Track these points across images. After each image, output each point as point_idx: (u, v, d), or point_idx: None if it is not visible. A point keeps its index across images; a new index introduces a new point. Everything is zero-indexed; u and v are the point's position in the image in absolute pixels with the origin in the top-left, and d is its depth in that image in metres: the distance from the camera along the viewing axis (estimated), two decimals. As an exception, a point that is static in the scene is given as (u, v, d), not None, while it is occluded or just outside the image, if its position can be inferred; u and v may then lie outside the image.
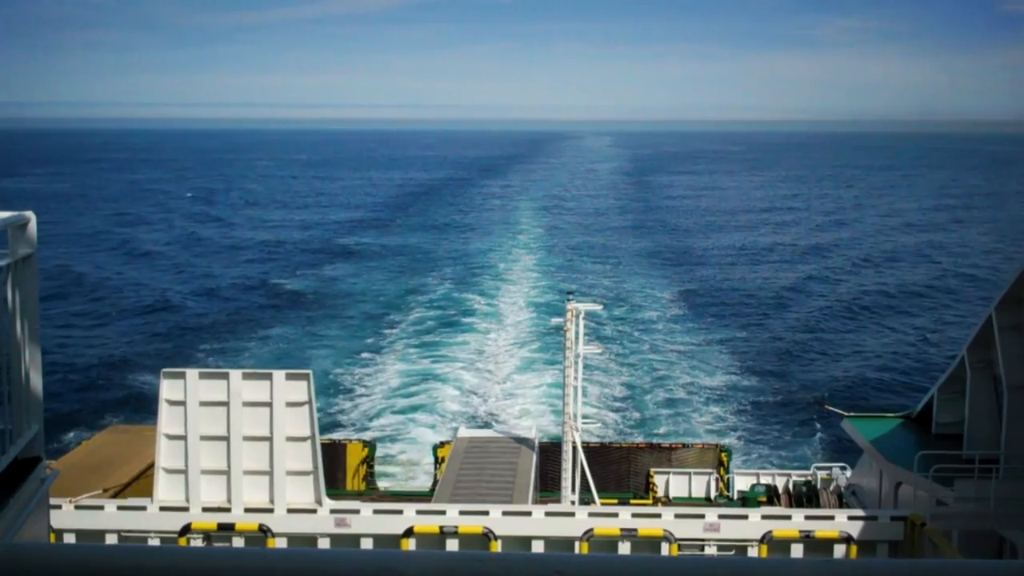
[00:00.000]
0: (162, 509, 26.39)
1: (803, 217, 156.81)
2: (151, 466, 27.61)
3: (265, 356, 64.94)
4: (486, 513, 26.49)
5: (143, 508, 26.53)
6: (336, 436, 43.79)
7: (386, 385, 57.91)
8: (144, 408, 51.99)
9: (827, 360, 66.51)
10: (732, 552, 26.57)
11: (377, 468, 39.39)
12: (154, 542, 26.09)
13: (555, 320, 33.58)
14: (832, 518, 27.00)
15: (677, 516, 26.74)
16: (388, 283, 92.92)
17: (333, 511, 26.57)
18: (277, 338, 71.13)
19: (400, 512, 26.70)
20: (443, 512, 26.64)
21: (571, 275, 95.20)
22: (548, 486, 34.46)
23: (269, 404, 25.78)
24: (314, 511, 26.47)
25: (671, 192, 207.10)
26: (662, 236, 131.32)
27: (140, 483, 29.38)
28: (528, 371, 59.91)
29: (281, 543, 26.25)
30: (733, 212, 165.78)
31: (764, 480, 36.69)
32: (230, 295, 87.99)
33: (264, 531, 26.07)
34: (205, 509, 26.24)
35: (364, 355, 64.85)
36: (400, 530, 26.15)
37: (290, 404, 25.80)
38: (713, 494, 36.61)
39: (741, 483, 36.84)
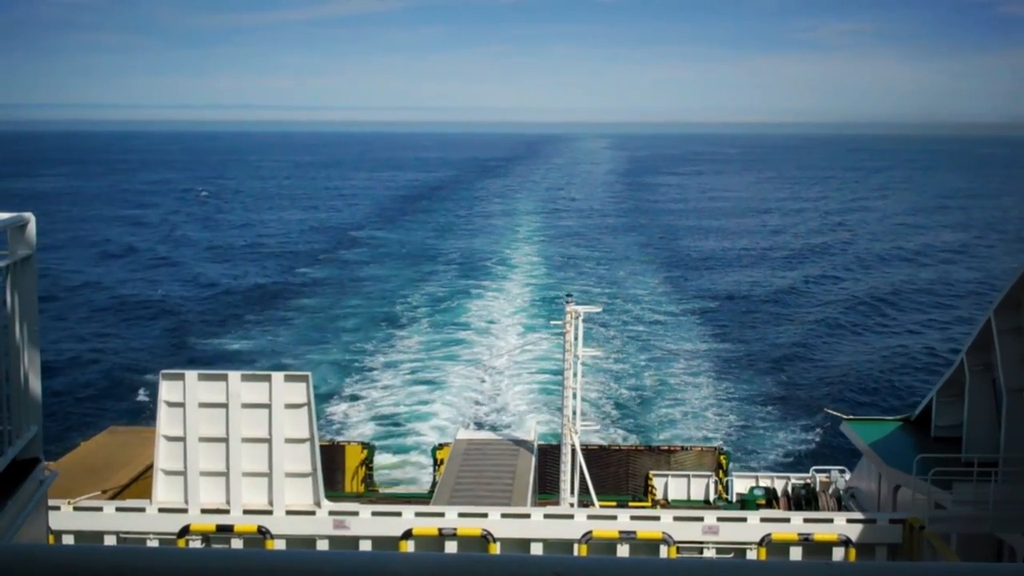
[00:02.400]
0: (161, 511, 26.37)
1: (801, 219, 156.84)
2: (150, 467, 27.60)
3: (264, 358, 64.92)
4: (485, 515, 26.48)
5: (142, 510, 26.51)
6: (335, 438, 43.80)
7: (385, 387, 57.90)
8: (143, 409, 52.02)
9: (826, 363, 66.51)
10: (731, 555, 26.56)
11: (376, 470, 39.38)
12: (153, 544, 26.06)
13: (554, 322, 33.61)
14: (831, 521, 27.00)
15: (676, 519, 26.73)
16: (387, 283, 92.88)
17: (332, 513, 26.55)
18: (276, 340, 71.11)
19: (399, 514, 26.69)
20: (442, 514, 26.64)
21: (569, 275, 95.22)
22: (547, 488, 34.47)
23: (268, 406, 25.77)
24: (313, 513, 26.46)
25: (667, 193, 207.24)
26: (659, 238, 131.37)
27: (139, 484, 29.35)
28: (527, 373, 59.89)
29: (280, 545, 26.23)
30: (731, 214, 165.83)
31: (763, 483, 36.69)
32: (229, 296, 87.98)
33: (263, 533, 26.05)
34: (204, 511, 26.22)
35: (363, 357, 64.84)
36: (399, 532, 26.14)
37: (289, 406, 25.79)
38: (712, 497, 36.63)
39: (740, 486, 36.84)
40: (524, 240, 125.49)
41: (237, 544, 26.39)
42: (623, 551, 26.25)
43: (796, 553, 26.50)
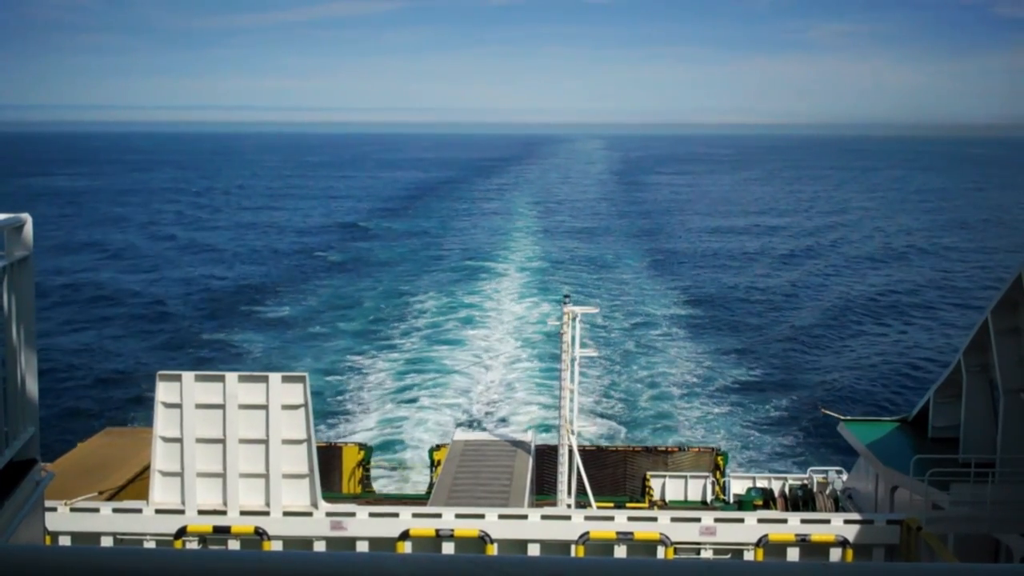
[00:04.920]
0: (158, 512, 26.34)
1: (797, 219, 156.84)
2: (147, 469, 27.57)
3: (261, 358, 64.87)
4: (482, 516, 26.46)
5: (139, 511, 26.47)
6: (332, 439, 43.76)
7: (382, 388, 57.86)
8: (140, 411, 51.96)
9: (823, 364, 66.52)
10: (728, 556, 26.56)
11: (373, 471, 39.34)
12: (149, 545, 26.03)
13: (552, 323, 33.65)
14: (828, 522, 26.99)
15: (673, 520, 26.71)
16: (384, 284, 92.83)
17: (329, 514, 26.53)
18: (274, 341, 71.05)
19: (396, 515, 26.67)
20: (439, 515, 26.62)
21: (567, 275, 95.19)
22: (544, 489, 34.49)
23: (265, 407, 25.74)
24: (310, 514, 26.44)
25: (663, 193, 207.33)
26: (655, 237, 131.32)
27: (136, 486, 29.32)
28: (524, 374, 59.88)
29: (277, 546, 26.20)
30: (726, 215, 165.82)
31: (760, 484, 36.69)
32: (226, 296, 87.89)
33: (260, 534, 26.02)
34: (201, 512, 26.20)
35: (360, 358, 64.79)
36: (396, 533, 26.12)
37: (286, 407, 25.77)
38: (709, 498, 36.61)
39: (737, 487, 36.84)
40: (521, 239, 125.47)
41: (234, 545, 26.37)
42: (620, 552, 26.24)
43: (793, 554, 26.49)
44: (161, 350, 68.50)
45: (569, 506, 31.15)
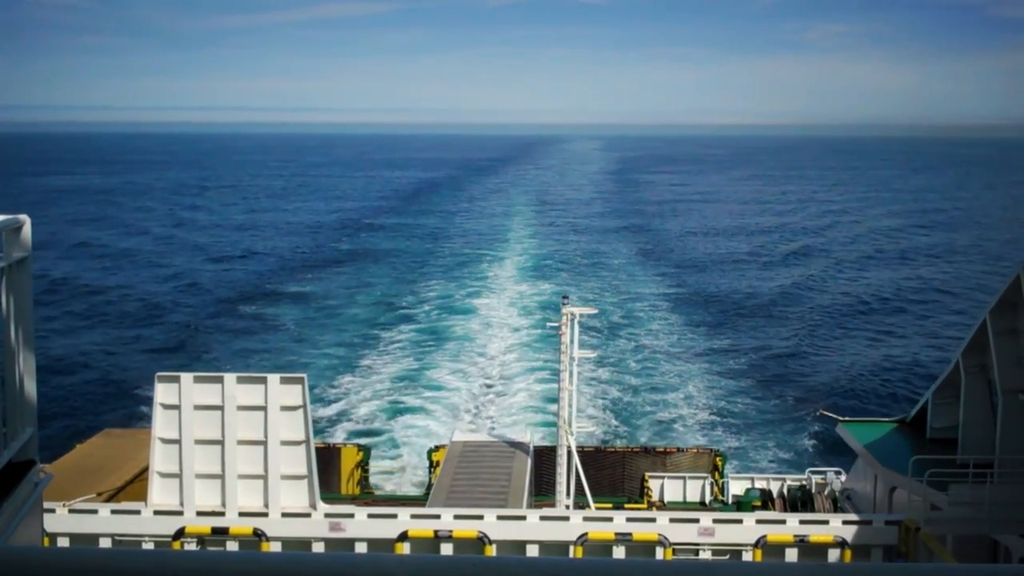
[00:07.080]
0: (156, 513, 26.35)
1: (795, 220, 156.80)
2: (145, 470, 27.58)
3: (260, 359, 64.82)
4: (481, 517, 26.47)
5: (137, 512, 26.48)
6: (330, 440, 43.74)
7: (381, 389, 57.82)
8: (138, 412, 51.92)
9: (822, 365, 66.52)
10: (727, 556, 26.56)
11: (371, 472, 39.33)
12: (148, 546, 26.02)
13: (550, 324, 33.63)
14: (827, 522, 27.01)
15: (672, 520, 26.73)
16: (384, 286, 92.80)
17: (327, 515, 26.54)
18: (272, 342, 71.01)
19: (394, 516, 26.67)
20: (438, 516, 26.62)
21: (566, 274, 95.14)
22: (543, 490, 34.49)
23: (264, 408, 25.75)
24: (308, 515, 26.44)
25: (660, 193, 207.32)
26: (652, 237, 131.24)
27: (134, 487, 29.33)
28: (523, 375, 59.84)
29: (275, 547, 26.19)
30: (724, 215, 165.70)
31: (759, 484, 36.68)
32: (225, 298, 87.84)
33: (258, 535, 26.02)
34: (199, 513, 26.21)
35: (359, 359, 64.75)
36: (394, 534, 26.12)
37: (284, 408, 25.78)
38: (708, 498, 36.63)
39: (736, 487, 36.84)
40: (519, 238, 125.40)
41: (232, 547, 26.37)
42: (619, 553, 26.25)
43: (792, 555, 26.51)
44: (160, 351, 68.46)
45: (568, 507, 31.14)
